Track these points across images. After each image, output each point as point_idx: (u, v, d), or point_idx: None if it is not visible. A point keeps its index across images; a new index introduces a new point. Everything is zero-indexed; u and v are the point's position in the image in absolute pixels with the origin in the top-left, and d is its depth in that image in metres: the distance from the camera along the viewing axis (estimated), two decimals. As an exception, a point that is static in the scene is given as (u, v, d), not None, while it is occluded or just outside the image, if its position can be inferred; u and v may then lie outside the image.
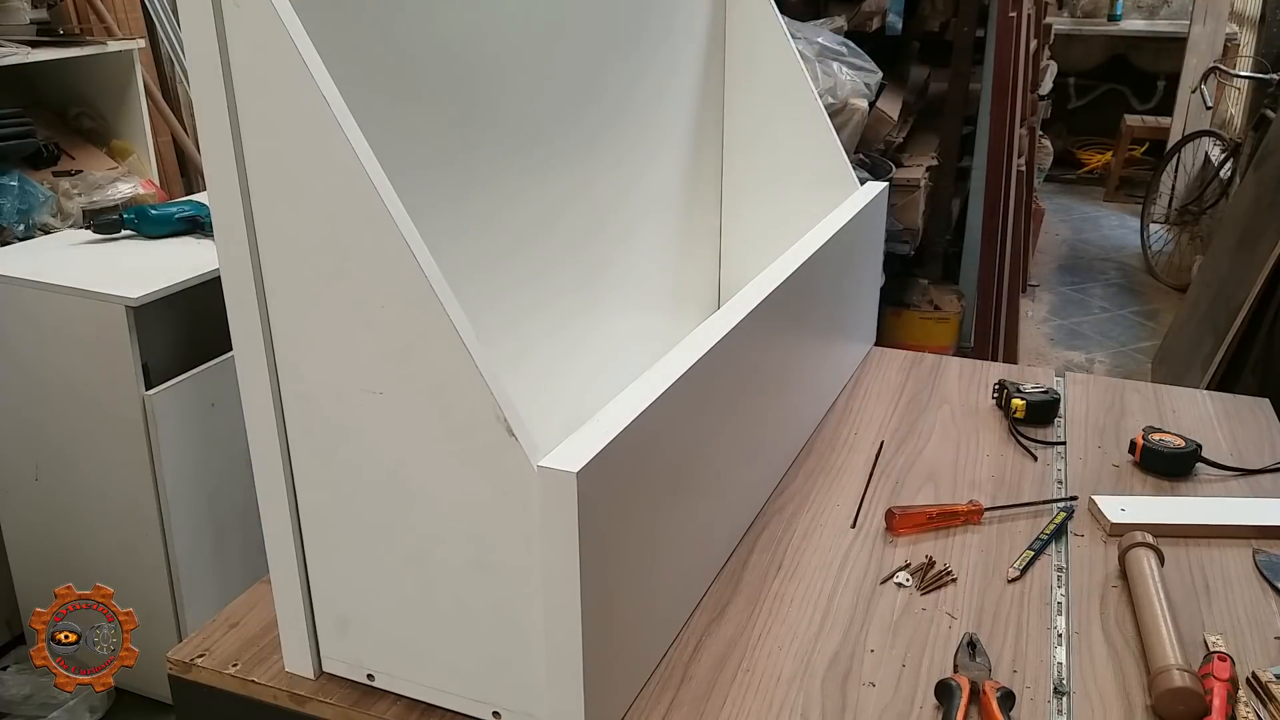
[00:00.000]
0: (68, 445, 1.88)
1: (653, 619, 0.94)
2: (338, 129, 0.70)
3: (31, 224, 2.22)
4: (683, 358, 0.92)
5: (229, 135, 0.74)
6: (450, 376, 0.74)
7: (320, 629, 0.91)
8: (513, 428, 0.73)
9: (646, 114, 1.39)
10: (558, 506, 0.73)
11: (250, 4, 0.70)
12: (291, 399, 0.82)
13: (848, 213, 1.39)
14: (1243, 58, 5.43)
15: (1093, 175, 6.80)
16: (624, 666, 0.88)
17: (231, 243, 0.78)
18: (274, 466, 0.85)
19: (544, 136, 1.17)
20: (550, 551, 0.75)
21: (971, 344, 3.37)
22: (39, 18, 2.42)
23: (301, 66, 0.70)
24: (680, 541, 0.97)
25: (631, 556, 0.85)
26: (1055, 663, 0.96)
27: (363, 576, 0.86)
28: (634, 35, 1.33)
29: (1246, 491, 1.26)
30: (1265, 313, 2.88)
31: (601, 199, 1.30)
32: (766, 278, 1.13)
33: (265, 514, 0.87)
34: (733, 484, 1.11)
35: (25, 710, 1.92)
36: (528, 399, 0.89)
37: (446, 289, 0.73)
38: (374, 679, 0.90)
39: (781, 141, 1.57)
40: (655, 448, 0.87)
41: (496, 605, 0.81)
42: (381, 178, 0.72)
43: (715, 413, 1.00)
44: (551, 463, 0.73)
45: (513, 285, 1.14)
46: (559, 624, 0.77)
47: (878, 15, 3.11)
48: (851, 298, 1.50)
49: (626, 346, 1.40)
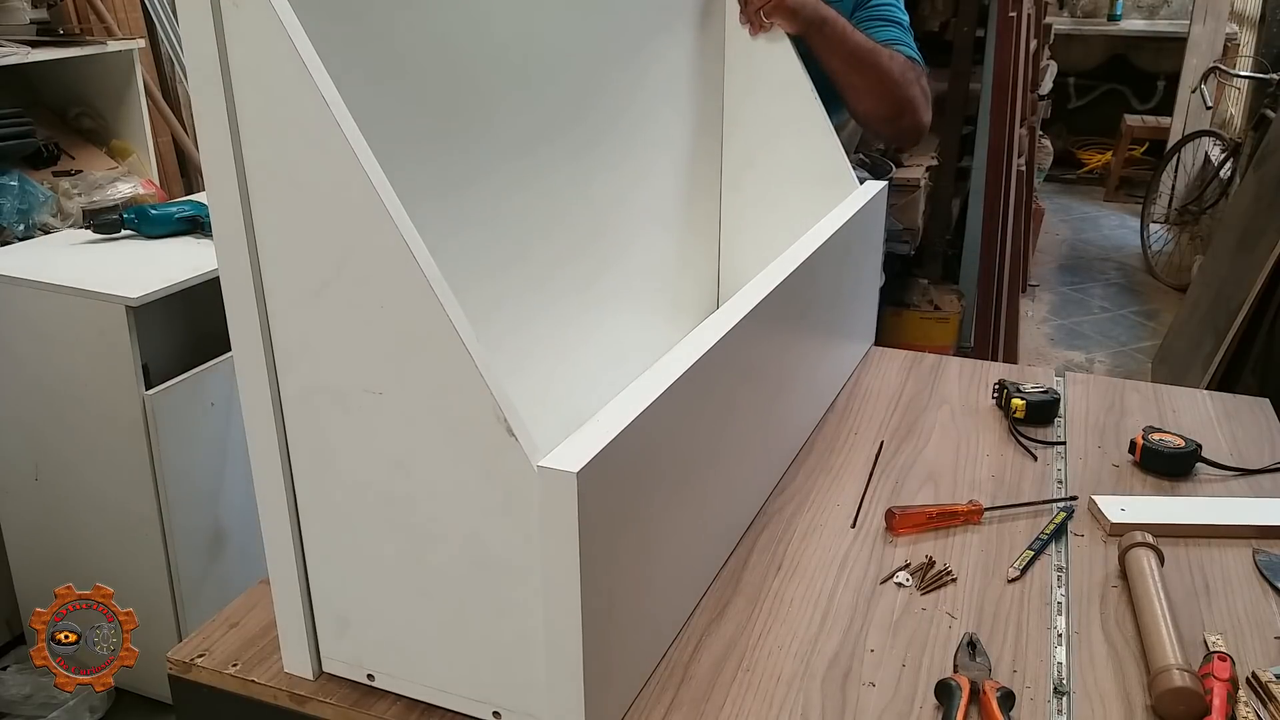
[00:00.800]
0: (68, 445, 1.88)
1: (653, 619, 0.94)
2: (337, 129, 0.70)
3: (31, 224, 2.22)
4: (682, 358, 0.92)
5: (228, 135, 0.74)
6: (450, 377, 0.74)
7: (320, 629, 0.91)
8: (513, 428, 0.73)
9: (646, 114, 1.39)
10: (558, 506, 0.73)
11: (249, 4, 0.70)
12: (291, 399, 0.82)
13: (846, 212, 1.39)
14: (1243, 57, 5.44)
15: (1093, 175, 6.80)
16: (624, 666, 0.88)
17: (230, 243, 0.78)
18: (273, 467, 0.85)
19: (545, 138, 1.17)
20: (550, 551, 0.75)
21: (971, 344, 3.37)
22: (39, 18, 2.42)
23: (301, 67, 0.70)
24: (680, 541, 0.97)
25: (632, 556, 0.85)
26: (1055, 663, 0.96)
27: (362, 576, 0.86)
28: (634, 36, 1.34)
29: (1246, 491, 1.26)
30: (1265, 313, 2.88)
31: (601, 200, 1.30)
32: (765, 278, 1.13)
33: (264, 514, 0.87)
34: (732, 483, 1.11)
35: (25, 710, 1.92)
36: (527, 400, 0.88)
37: (446, 289, 0.73)
38: (374, 679, 0.90)
39: (781, 141, 1.57)
40: (655, 447, 0.87)
41: (496, 605, 0.81)
42: (381, 178, 0.72)
43: (715, 412, 1.00)
44: (551, 463, 0.73)
45: (514, 287, 1.14)
46: (559, 624, 0.77)
47: (878, 15, 3.10)
48: (851, 297, 1.50)
49: (625, 348, 1.40)
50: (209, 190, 0.78)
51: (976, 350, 3.33)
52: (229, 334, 0.81)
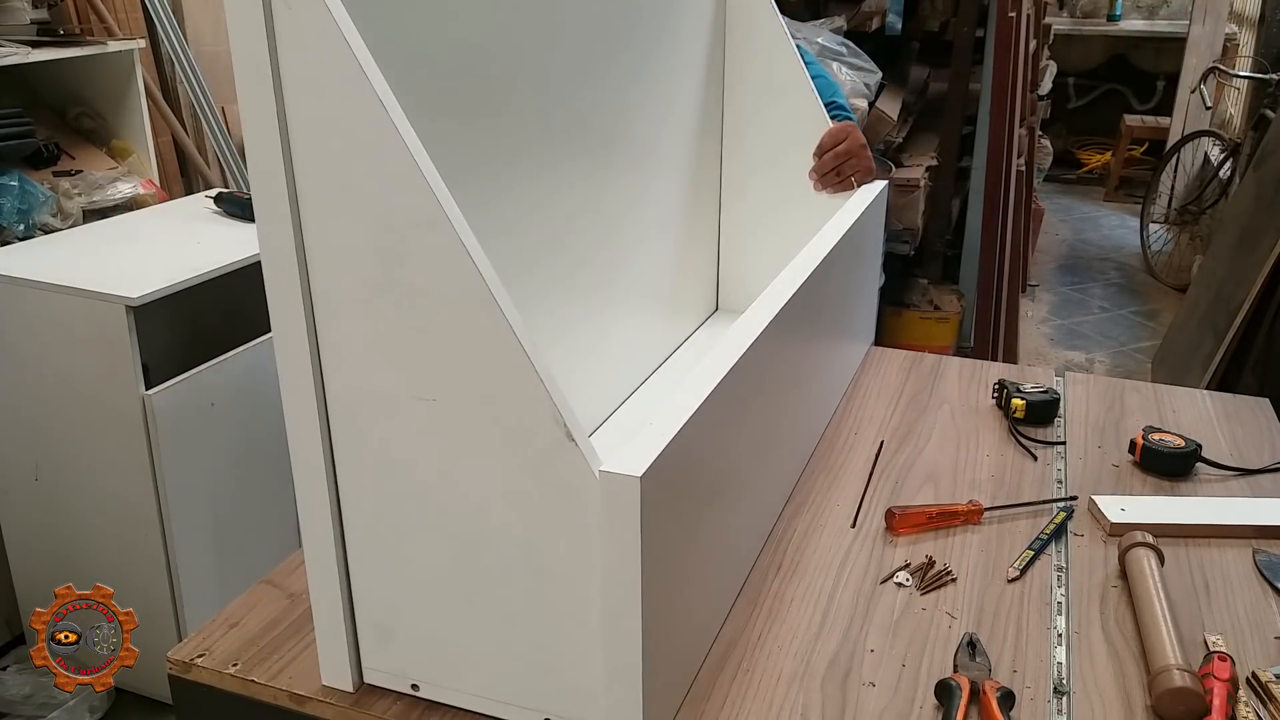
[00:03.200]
0: (68, 445, 1.88)
1: (699, 621, 0.94)
2: (394, 131, 0.69)
3: (31, 224, 2.21)
4: (721, 362, 0.91)
5: (277, 138, 0.73)
6: (508, 383, 0.73)
7: (361, 639, 0.89)
8: (572, 433, 0.72)
9: (654, 123, 1.39)
10: (620, 511, 0.72)
11: (302, 5, 0.68)
12: (337, 405, 0.81)
13: (853, 214, 1.39)
14: (1242, 58, 5.43)
15: (1092, 175, 6.80)
16: (675, 670, 0.88)
17: (278, 246, 0.76)
18: (316, 474, 0.83)
19: (561, 156, 1.16)
20: (612, 556, 0.74)
21: (971, 344, 3.37)
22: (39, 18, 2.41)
23: (358, 70, 0.68)
24: (722, 542, 0.97)
25: (683, 559, 0.85)
26: (1055, 663, 0.96)
27: (409, 584, 0.85)
28: (643, 48, 1.33)
29: (1246, 491, 1.26)
30: (1265, 313, 2.88)
31: (610, 212, 1.29)
32: (786, 281, 1.12)
33: (305, 523, 0.86)
34: (764, 483, 1.11)
35: (25, 710, 1.92)
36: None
37: (505, 296, 0.72)
38: (419, 689, 0.88)
39: (781, 143, 1.57)
40: (703, 451, 0.86)
41: (551, 611, 0.79)
42: (439, 181, 0.70)
43: (749, 415, 1.00)
44: (614, 467, 0.72)
45: (524, 298, 1.12)
46: (619, 628, 0.76)
47: (877, 15, 3.11)
48: (855, 298, 1.50)
49: (628, 352, 1.40)
50: (255, 194, 0.76)
51: (976, 350, 3.32)
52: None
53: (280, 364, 0.81)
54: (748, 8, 1.53)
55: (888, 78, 3.07)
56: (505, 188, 1.06)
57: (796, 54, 1.53)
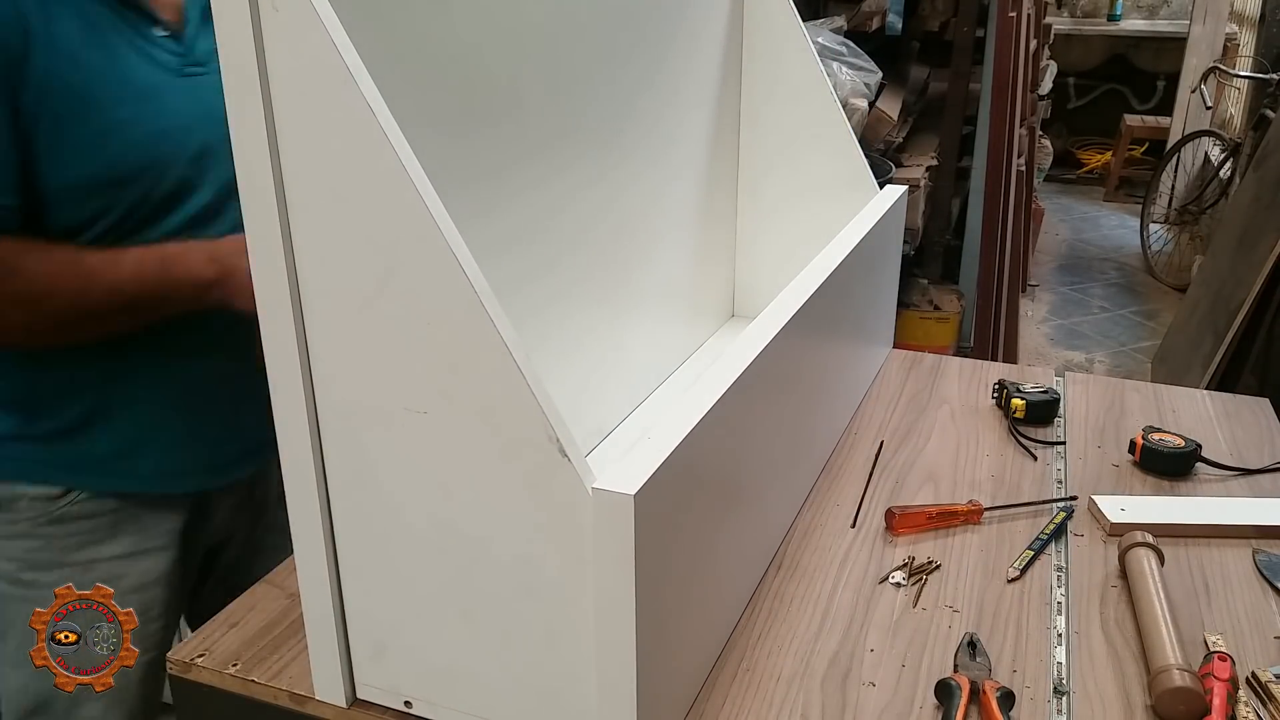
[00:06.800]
0: (68, 445, 1.87)
1: (700, 639, 0.92)
2: (383, 138, 0.68)
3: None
4: (727, 371, 0.89)
5: (265, 144, 0.71)
6: (500, 396, 0.71)
7: (355, 654, 0.88)
8: (565, 448, 0.71)
9: (671, 126, 1.37)
10: (613, 529, 0.71)
11: (289, 7, 0.67)
12: (328, 417, 0.79)
13: (873, 216, 1.37)
14: (1242, 57, 5.44)
15: (1092, 175, 6.80)
16: (673, 688, 0.87)
17: (266, 255, 0.75)
18: (308, 486, 0.82)
19: (575, 158, 1.15)
20: (604, 574, 0.73)
21: (971, 344, 3.37)
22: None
23: (346, 74, 0.67)
24: (726, 559, 0.95)
25: (682, 577, 0.83)
26: (1055, 662, 0.96)
27: (402, 600, 0.83)
28: (659, 49, 1.31)
29: (1246, 491, 1.26)
30: (1265, 313, 2.89)
31: (625, 214, 1.28)
32: (800, 286, 1.10)
33: (297, 535, 0.84)
34: (772, 497, 1.09)
35: (25, 710, 1.91)
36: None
37: (498, 306, 0.70)
38: (411, 706, 0.87)
39: (799, 145, 1.54)
40: (705, 465, 0.84)
41: (545, 629, 0.78)
42: (429, 190, 0.69)
43: (757, 426, 0.98)
44: (607, 484, 0.70)
45: (538, 302, 1.11)
46: (611, 648, 0.75)
47: (877, 15, 3.11)
48: (874, 302, 1.48)
49: (645, 357, 1.38)
50: (244, 200, 0.74)
51: (976, 350, 3.33)
52: (263, 349, 0.79)
53: (271, 375, 0.79)
54: (764, 7, 1.51)
55: (888, 78, 3.07)
56: (517, 193, 1.04)
57: (815, 56, 1.51)
